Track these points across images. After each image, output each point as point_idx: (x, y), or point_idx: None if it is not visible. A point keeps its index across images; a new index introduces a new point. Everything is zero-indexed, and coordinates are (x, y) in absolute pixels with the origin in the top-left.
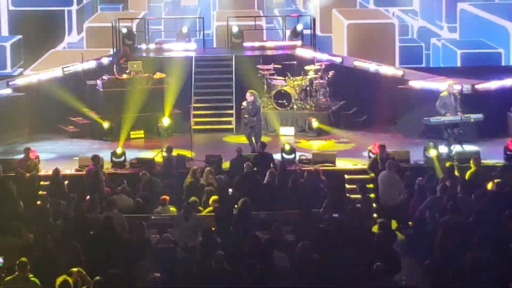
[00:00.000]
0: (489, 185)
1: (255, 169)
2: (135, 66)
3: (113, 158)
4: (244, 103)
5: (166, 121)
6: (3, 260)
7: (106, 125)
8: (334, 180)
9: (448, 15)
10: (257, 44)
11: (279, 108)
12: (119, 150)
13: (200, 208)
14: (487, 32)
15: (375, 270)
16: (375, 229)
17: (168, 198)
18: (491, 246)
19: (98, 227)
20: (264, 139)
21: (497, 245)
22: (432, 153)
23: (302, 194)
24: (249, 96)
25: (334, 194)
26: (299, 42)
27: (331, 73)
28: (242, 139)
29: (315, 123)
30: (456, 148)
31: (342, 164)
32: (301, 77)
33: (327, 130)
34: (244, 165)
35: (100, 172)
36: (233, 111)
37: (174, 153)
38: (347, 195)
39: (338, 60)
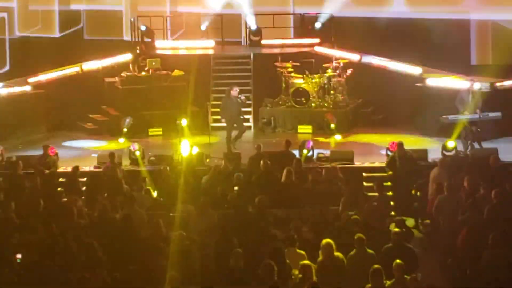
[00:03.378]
0: None
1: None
2: (153, 63)
3: (131, 156)
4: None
5: (184, 118)
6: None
7: (125, 129)
8: (351, 178)
9: None
10: (275, 41)
11: (297, 106)
12: (137, 147)
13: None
14: None
15: (394, 268)
16: (392, 227)
17: (186, 195)
18: (508, 244)
19: (116, 224)
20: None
21: None
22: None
23: (320, 192)
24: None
25: (351, 192)
26: (317, 40)
27: (349, 71)
28: None
29: (332, 125)
30: (474, 146)
31: (360, 162)
32: (319, 74)
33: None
34: (261, 162)
35: (118, 169)
36: (251, 109)
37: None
38: (365, 193)
39: (356, 58)
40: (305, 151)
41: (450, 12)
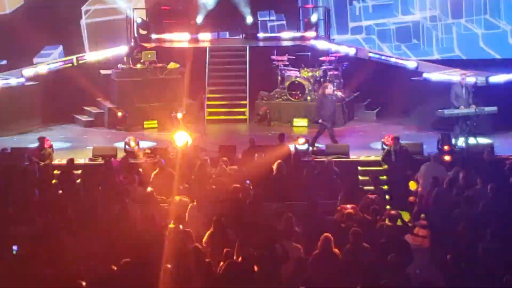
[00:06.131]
0: None
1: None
2: (149, 56)
3: (127, 148)
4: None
5: (179, 111)
6: (17, 248)
7: (119, 114)
8: (347, 171)
9: None
10: (271, 35)
11: (293, 99)
12: (132, 140)
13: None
14: None
15: (389, 262)
16: (387, 221)
17: (181, 188)
18: (504, 238)
19: (111, 217)
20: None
21: (509, 236)
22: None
23: (315, 185)
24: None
25: (347, 186)
26: (313, 33)
27: (345, 64)
28: None
29: None
30: (470, 140)
31: (355, 155)
32: (315, 68)
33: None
34: (255, 155)
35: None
36: (247, 102)
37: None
38: (360, 186)
39: (352, 51)
40: (301, 140)
41: None
